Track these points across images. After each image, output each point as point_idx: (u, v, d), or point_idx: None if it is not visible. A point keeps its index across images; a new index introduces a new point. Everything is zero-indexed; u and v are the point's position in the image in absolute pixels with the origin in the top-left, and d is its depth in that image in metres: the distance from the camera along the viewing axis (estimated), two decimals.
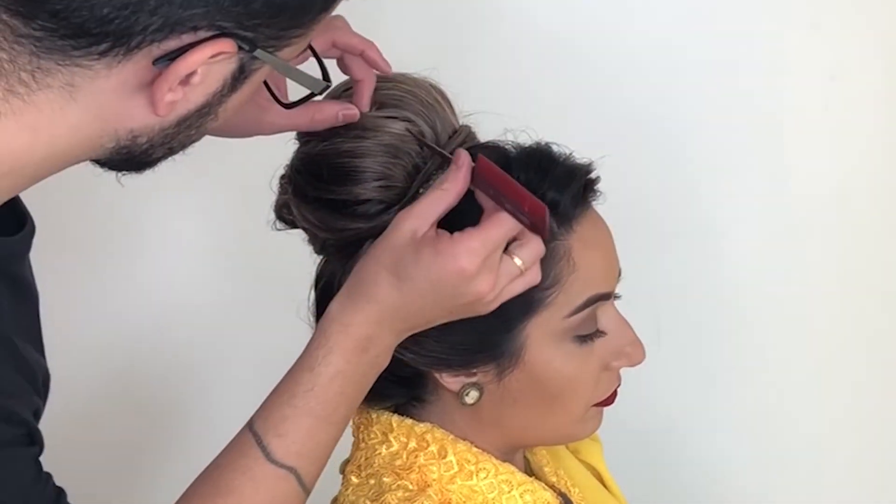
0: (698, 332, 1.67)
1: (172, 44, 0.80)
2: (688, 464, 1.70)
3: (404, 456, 1.07)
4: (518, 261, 0.98)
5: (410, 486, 1.05)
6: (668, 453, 1.70)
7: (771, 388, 1.69)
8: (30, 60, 0.79)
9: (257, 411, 1.01)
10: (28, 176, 0.85)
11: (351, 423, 1.12)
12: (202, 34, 0.80)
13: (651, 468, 1.66)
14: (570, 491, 1.18)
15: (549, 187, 1.02)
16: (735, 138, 1.62)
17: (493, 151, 1.04)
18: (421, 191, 1.02)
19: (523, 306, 1.02)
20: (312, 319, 1.08)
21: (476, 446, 1.08)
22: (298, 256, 1.10)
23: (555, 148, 1.05)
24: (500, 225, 0.96)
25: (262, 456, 0.98)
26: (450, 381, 1.05)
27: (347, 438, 1.12)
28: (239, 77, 0.85)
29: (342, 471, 1.11)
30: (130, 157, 0.87)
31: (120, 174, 0.90)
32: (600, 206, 1.07)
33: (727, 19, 1.62)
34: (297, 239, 1.09)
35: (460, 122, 1.06)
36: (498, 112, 1.04)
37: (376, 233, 1.01)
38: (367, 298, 0.98)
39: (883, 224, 1.65)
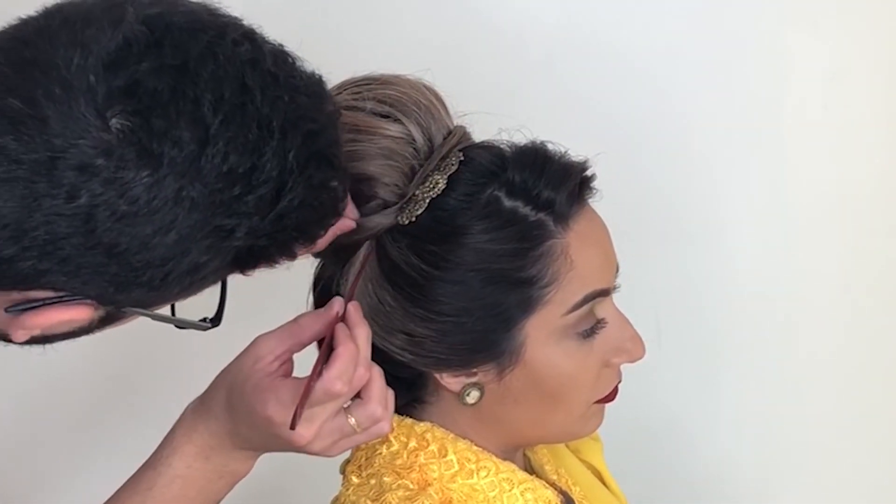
0: (698, 331, 1.67)
1: (35, 294, 0.80)
2: (688, 463, 1.70)
3: (405, 455, 1.07)
4: (352, 420, 0.97)
5: (411, 486, 1.05)
6: (668, 452, 1.70)
7: (771, 387, 1.68)
8: None
9: (112, 496, 1.01)
10: None
11: None
12: (64, 294, 0.80)
13: (651, 467, 1.66)
14: (570, 489, 1.18)
15: (544, 186, 1.02)
16: (735, 138, 1.62)
17: (488, 151, 1.04)
18: (416, 192, 1.02)
19: (522, 305, 1.02)
20: None
21: (476, 445, 1.08)
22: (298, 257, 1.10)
23: (550, 146, 1.05)
24: (320, 384, 0.95)
25: None
26: (450, 381, 1.06)
27: None
28: (107, 320, 0.86)
29: (343, 470, 1.11)
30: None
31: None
32: (602, 206, 1.07)
33: (727, 19, 1.61)
34: None
35: (455, 123, 1.06)
36: (493, 112, 1.04)
37: (373, 235, 1.01)
38: (208, 410, 1.00)
39: (883, 224, 1.64)
